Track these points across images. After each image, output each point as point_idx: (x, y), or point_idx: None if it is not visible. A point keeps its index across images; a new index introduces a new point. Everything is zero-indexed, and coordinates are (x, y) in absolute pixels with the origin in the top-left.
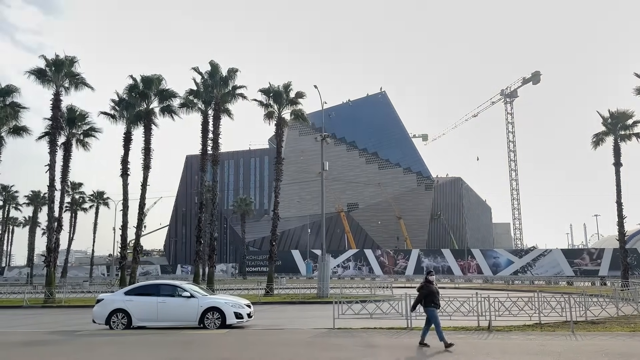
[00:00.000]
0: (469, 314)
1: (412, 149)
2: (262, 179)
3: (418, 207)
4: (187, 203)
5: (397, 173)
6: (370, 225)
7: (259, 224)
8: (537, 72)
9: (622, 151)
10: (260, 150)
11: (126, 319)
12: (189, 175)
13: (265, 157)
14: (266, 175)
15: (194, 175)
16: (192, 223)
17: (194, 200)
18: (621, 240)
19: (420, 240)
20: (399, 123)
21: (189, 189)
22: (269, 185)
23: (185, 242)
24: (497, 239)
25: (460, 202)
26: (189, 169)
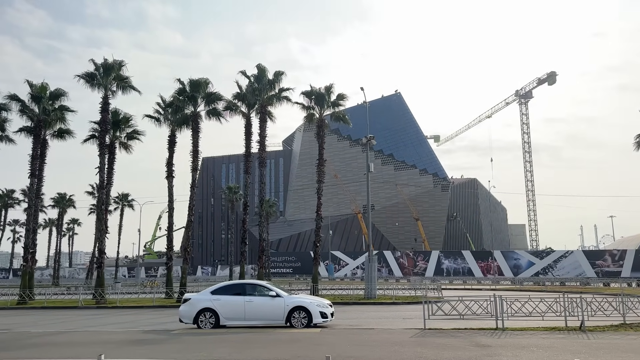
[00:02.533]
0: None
1: (428, 150)
2: (277, 180)
3: (434, 208)
4: (204, 205)
5: (413, 174)
6: (386, 227)
7: (275, 225)
8: (552, 73)
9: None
10: (274, 152)
11: (214, 318)
12: (206, 177)
13: (280, 159)
14: (281, 177)
15: (210, 178)
16: (209, 225)
17: (210, 202)
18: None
19: (437, 241)
20: (414, 124)
21: (206, 192)
22: (284, 188)
23: (202, 243)
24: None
25: (476, 203)
26: (205, 172)
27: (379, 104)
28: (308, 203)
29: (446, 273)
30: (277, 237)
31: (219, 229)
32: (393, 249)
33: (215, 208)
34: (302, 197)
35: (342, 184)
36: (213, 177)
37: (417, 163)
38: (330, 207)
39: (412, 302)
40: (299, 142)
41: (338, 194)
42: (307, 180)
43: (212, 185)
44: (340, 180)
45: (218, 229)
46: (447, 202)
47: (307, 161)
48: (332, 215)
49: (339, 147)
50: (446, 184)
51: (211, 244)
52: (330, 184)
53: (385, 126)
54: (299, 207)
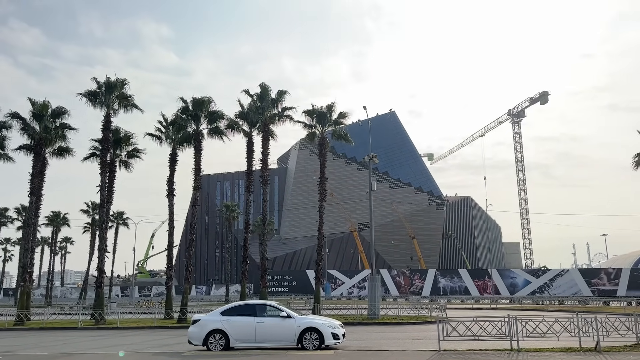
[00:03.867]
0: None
1: (423, 168)
2: (272, 198)
3: (429, 226)
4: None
5: (408, 192)
6: (382, 245)
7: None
8: (544, 92)
9: None
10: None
11: (224, 339)
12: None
13: (275, 176)
14: (276, 195)
15: (204, 196)
16: (202, 244)
17: (204, 220)
18: None
19: (433, 259)
20: (408, 142)
21: (200, 210)
22: (279, 206)
23: (195, 262)
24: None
25: (471, 222)
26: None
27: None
28: (303, 221)
29: (443, 292)
30: (272, 255)
31: (213, 248)
32: (389, 267)
33: (210, 226)
34: (297, 215)
35: (337, 202)
36: (208, 195)
37: (412, 181)
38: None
39: (418, 322)
40: (294, 160)
41: (333, 212)
42: (302, 198)
43: (206, 203)
44: (336, 198)
45: (212, 248)
46: (442, 220)
47: (302, 179)
48: (328, 233)
49: (335, 165)
50: (441, 202)
51: (205, 262)
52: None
53: (380, 144)
54: (294, 225)
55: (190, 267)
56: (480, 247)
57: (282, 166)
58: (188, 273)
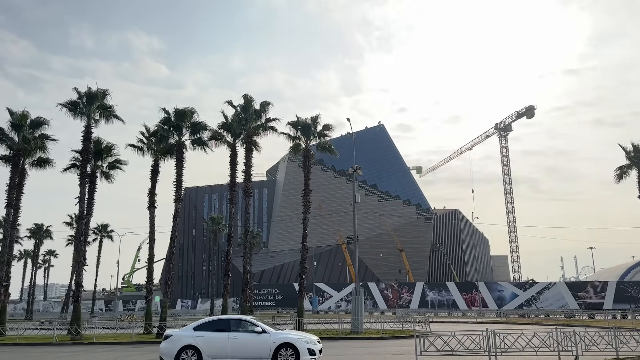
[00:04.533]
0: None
1: (411, 181)
2: (260, 211)
3: (418, 239)
4: (185, 236)
5: (396, 205)
6: (370, 258)
7: (258, 256)
8: (530, 107)
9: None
10: (258, 183)
11: (196, 356)
12: (188, 208)
13: (264, 189)
14: (264, 208)
15: (192, 208)
16: (189, 257)
17: (191, 233)
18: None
19: (421, 272)
20: (397, 155)
21: (187, 223)
22: (267, 218)
23: (182, 276)
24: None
25: (459, 235)
26: (187, 202)
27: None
28: (292, 234)
29: (431, 305)
30: (260, 268)
31: (200, 261)
32: (377, 280)
33: (197, 239)
34: (285, 228)
35: (326, 215)
36: (195, 207)
37: (400, 194)
38: (314, 238)
39: (400, 336)
40: (283, 172)
41: (322, 224)
42: (291, 210)
43: (194, 216)
44: (324, 210)
45: (199, 261)
46: (430, 233)
47: (291, 191)
48: (316, 246)
49: (323, 177)
50: (429, 214)
51: (191, 276)
52: (314, 215)
53: (368, 157)
54: (283, 237)
55: (170, 281)
56: (468, 260)
57: (271, 179)
58: (167, 287)
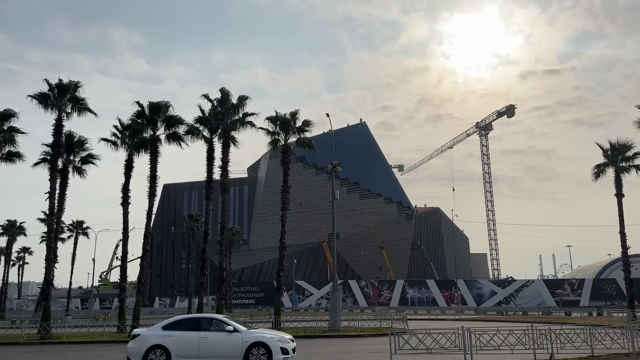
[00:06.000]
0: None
1: (393, 179)
2: (241, 208)
3: (399, 236)
4: (164, 234)
5: (378, 203)
6: (352, 256)
7: (238, 254)
8: (511, 106)
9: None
10: (239, 180)
11: (165, 356)
12: (167, 205)
13: (245, 186)
14: (245, 205)
15: (171, 205)
16: (169, 255)
17: (170, 230)
18: (626, 270)
19: (402, 270)
20: (379, 153)
21: (166, 220)
22: (248, 216)
23: (160, 274)
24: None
25: (439, 232)
26: (166, 199)
27: (345, 132)
28: (273, 231)
29: (411, 302)
30: (241, 266)
31: (179, 259)
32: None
33: (176, 237)
34: (266, 225)
35: (307, 212)
36: (174, 204)
37: (382, 192)
38: (295, 236)
39: (378, 334)
40: (264, 169)
41: (303, 222)
42: (272, 208)
43: (173, 213)
44: (305, 208)
45: (178, 259)
46: (411, 231)
47: (272, 188)
48: (297, 244)
49: (305, 175)
50: (410, 212)
51: (171, 274)
52: (296, 212)
53: (350, 154)
54: (264, 235)
55: (143, 279)
56: (448, 258)
57: (252, 175)
58: (141, 285)
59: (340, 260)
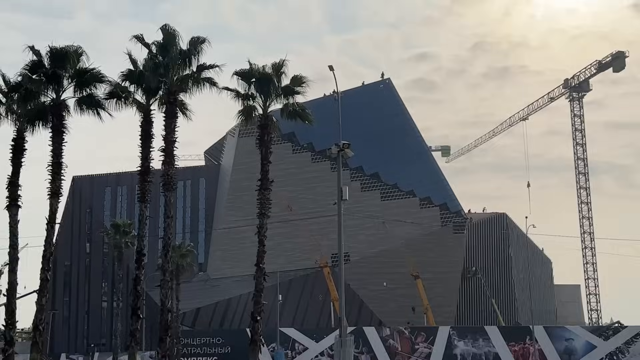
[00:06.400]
0: None
1: (433, 170)
2: (195, 214)
3: (443, 259)
4: (74, 254)
5: (409, 206)
6: (368, 289)
7: (190, 286)
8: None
9: None
10: (191, 170)
11: None
12: (78, 209)
13: (201, 179)
14: (201, 209)
15: (84, 209)
16: (81, 287)
17: (83, 249)
18: None
19: (447, 311)
20: (411, 128)
21: (77, 232)
22: (206, 226)
23: (70, 317)
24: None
25: (506, 252)
26: (77, 200)
27: (358, 96)
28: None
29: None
30: (194, 305)
31: (98, 294)
32: (379, 323)
33: (93, 259)
34: (234, 242)
35: (299, 221)
36: (90, 208)
37: (416, 188)
38: (281, 258)
39: None
40: (231, 153)
41: (293, 236)
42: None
43: (88, 222)
44: (296, 213)
45: (97, 294)
46: (462, 251)
47: (243, 183)
48: (284, 271)
49: (296, 162)
50: (461, 221)
51: (85, 317)
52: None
53: (367, 131)
54: (230, 257)
55: (42, 325)
56: (519, 292)
57: (212, 163)
58: (38, 334)
59: (352, 295)
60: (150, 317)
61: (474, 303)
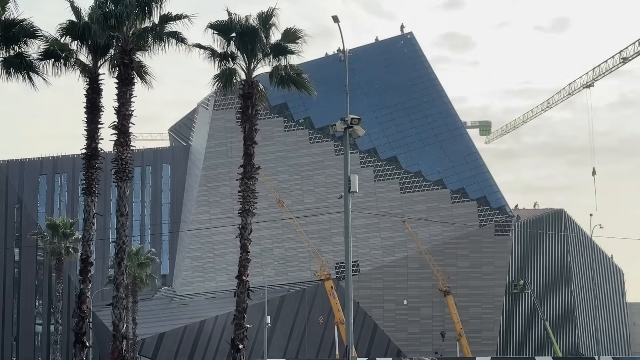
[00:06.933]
0: None
1: (469, 153)
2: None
3: (482, 270)
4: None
5: (439, 199)
6: (384, 309)
7: (151, 305)
8: None
9: None
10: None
11: None
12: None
13: (164, 165)
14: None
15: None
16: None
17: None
18: None
19: (488, 337)
20: (440, 99)
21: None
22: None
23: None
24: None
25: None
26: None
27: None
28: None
29: None
30: (156, 329)
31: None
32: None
33: (24, 268)
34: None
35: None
36: (20, 202)
37: (446, 178)
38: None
39: None
40: (204, 131)
41: (285, 240)
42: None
43: (17, 220)
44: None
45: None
46: (506, 258)
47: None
48: (273, 285)
49: (289, 142)
50: (506, 220)
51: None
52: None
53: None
54: (202, 267)
55: None
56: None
57: (179, 144)
58: None
59: (362, 316)
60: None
61: (522, 326)
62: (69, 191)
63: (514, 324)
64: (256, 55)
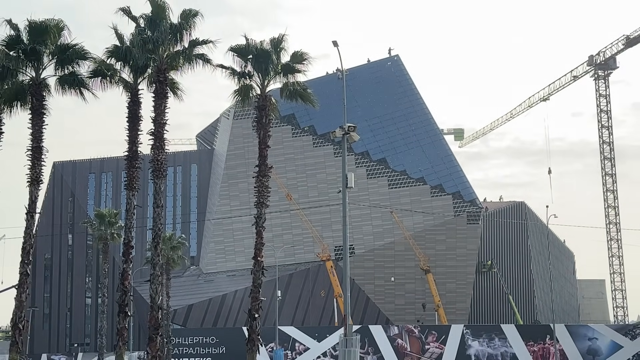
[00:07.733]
0: None
1: (445, 155)
2: (185, 203)
3: (456, 252)
4: (55, 247)
5: (420, 194)
6: (375, 284)
7: (182, 281)
8: None
9: None
10: (182, 154)
11: None
12: (59, 197)
13: (192, 165)
14: (193, 197)
15: (66, 198)
16: (63, 282)
17: (66, 241)
18: None
19: (461, 308)
20: (421, 110)
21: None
22: (198, 216)
23: (51, 315)
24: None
25: (525, 244)
26: (58, 187)
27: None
28: (239, 242)
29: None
30: (186, 301)
31: (82, 290)
32: (386, 321)
33: (76, 252)
34: (229, 233)
35: (300, 211)
36: (73, 196)
37: (427, 176)
38: (280, 250)
39: None
40: (226, 136)
41: (292, 227)
42: (239, 203)
43: (70, 211)
44: (297, 203)
45: (80, 290)
46: (476, 243)
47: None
48: (283, 265)
49: (296, 146)
50: (476, 211)
51: (67, 315)
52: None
53: (373, 112)
54: (225, 249)
55: (22, 323)
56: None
57: (205, 148)
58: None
59: (357, 291)
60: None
61: (489, 299)
62: (113, 187)
63: (483, 297)
64: (269, 73)
